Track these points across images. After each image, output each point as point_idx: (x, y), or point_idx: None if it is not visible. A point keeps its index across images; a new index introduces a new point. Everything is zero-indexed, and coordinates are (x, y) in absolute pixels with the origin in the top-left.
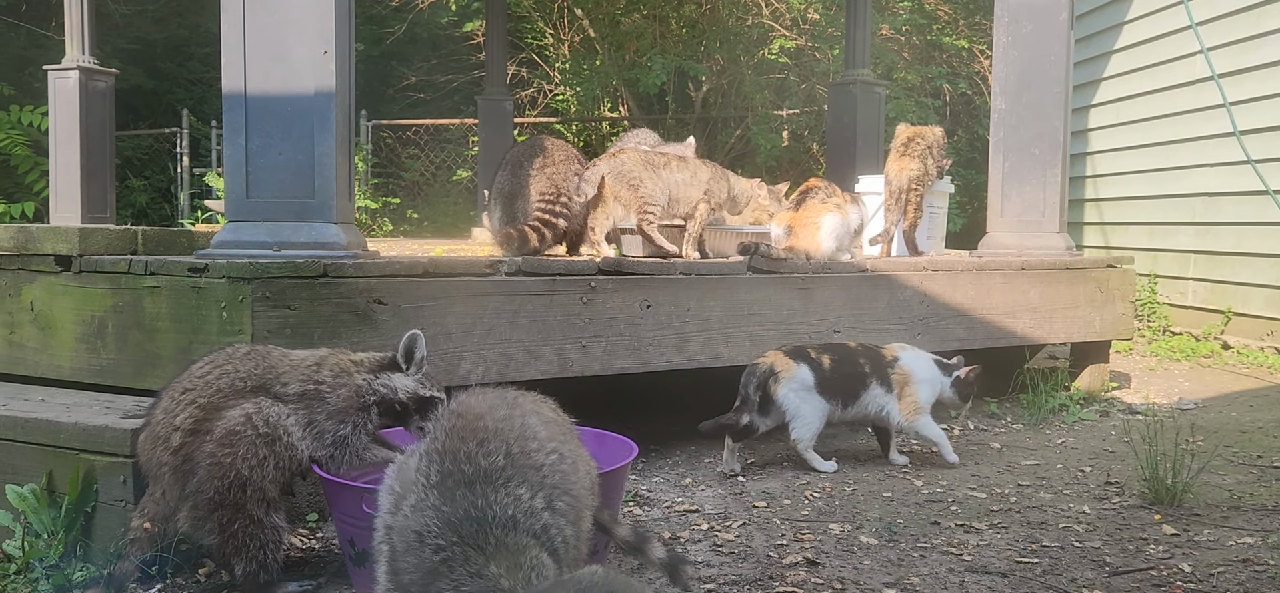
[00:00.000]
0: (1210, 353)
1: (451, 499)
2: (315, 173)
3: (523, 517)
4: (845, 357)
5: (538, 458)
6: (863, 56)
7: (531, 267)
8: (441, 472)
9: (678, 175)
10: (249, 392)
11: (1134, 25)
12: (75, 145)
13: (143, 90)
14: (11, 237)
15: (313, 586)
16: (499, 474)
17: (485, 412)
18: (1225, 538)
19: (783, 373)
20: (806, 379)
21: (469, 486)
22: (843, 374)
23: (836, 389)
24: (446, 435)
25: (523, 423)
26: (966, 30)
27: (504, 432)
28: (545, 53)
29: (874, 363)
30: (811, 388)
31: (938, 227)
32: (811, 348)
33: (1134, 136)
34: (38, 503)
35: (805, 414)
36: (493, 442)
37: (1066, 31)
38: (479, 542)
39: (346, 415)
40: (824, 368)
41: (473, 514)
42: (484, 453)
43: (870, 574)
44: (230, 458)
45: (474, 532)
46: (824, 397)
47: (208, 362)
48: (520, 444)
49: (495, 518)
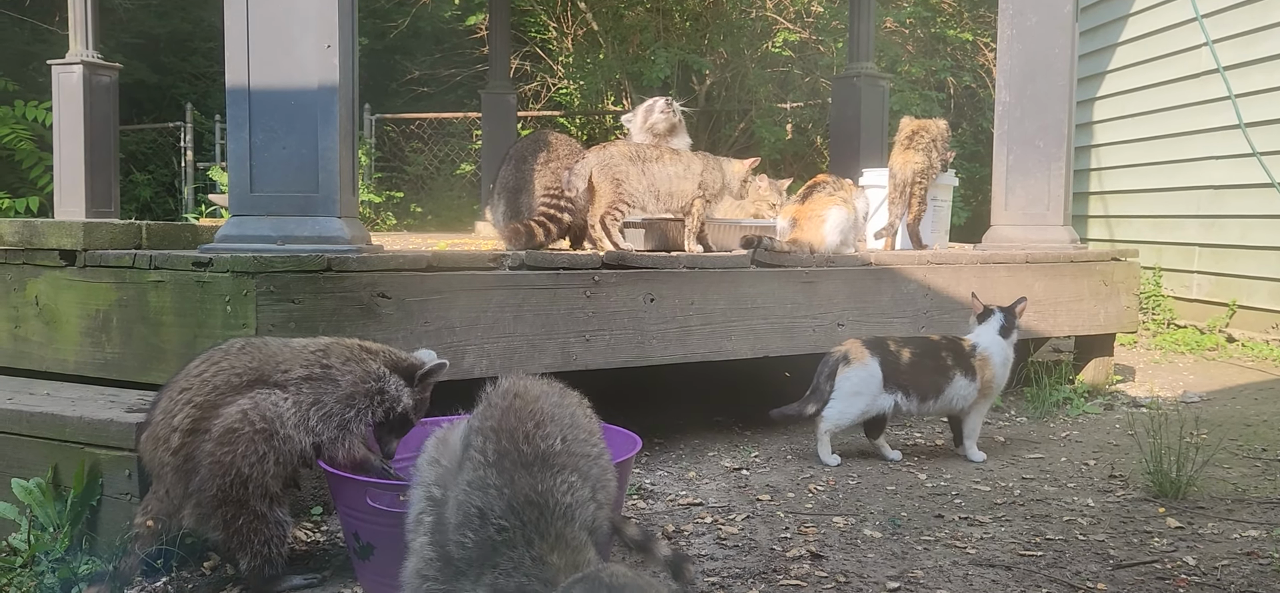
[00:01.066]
0: (1215, 346)
1: (512, 481)
2: (319, 167)
3: (578, 507)
4: (927, 350)
5: (586, 448)
6: (867, 49)
7: (535, 261)
8: (498, 450)
9: (670, 169)
10: (245, 386)
11: (1139, 17)
12: (79, 140)
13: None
14: (16, 231)
15: (317, 579)
16: (555, 459)
17: (540, 395)
18: (1230, 531)
19: (854, 361)
20: (874, 373)
21: (527, 468)
22: (924, 368)
23: (915, 383)
24: (502, 414)
25: (572, 412)
26: (971, 23)
27: (558, 417)
28: (549, 46)
29: (956, 354)
30: (877, 383)
31: (942, 220)
32: (893, 340)
33: (1139, 129)
34: (43, 497)
35: (845, 404)
36: (548, 426)
37: (1071, 24)
38: (541, 529)
39: (354, 400)
40: (900, 362)
41: (533, 500)
42: (542, 435)
43: (874, 568)
44: (230, 456)
45: (536, 518)
46: (890, 391)
47: (204, 359)
48: (572, 432)
49: (555, 507)
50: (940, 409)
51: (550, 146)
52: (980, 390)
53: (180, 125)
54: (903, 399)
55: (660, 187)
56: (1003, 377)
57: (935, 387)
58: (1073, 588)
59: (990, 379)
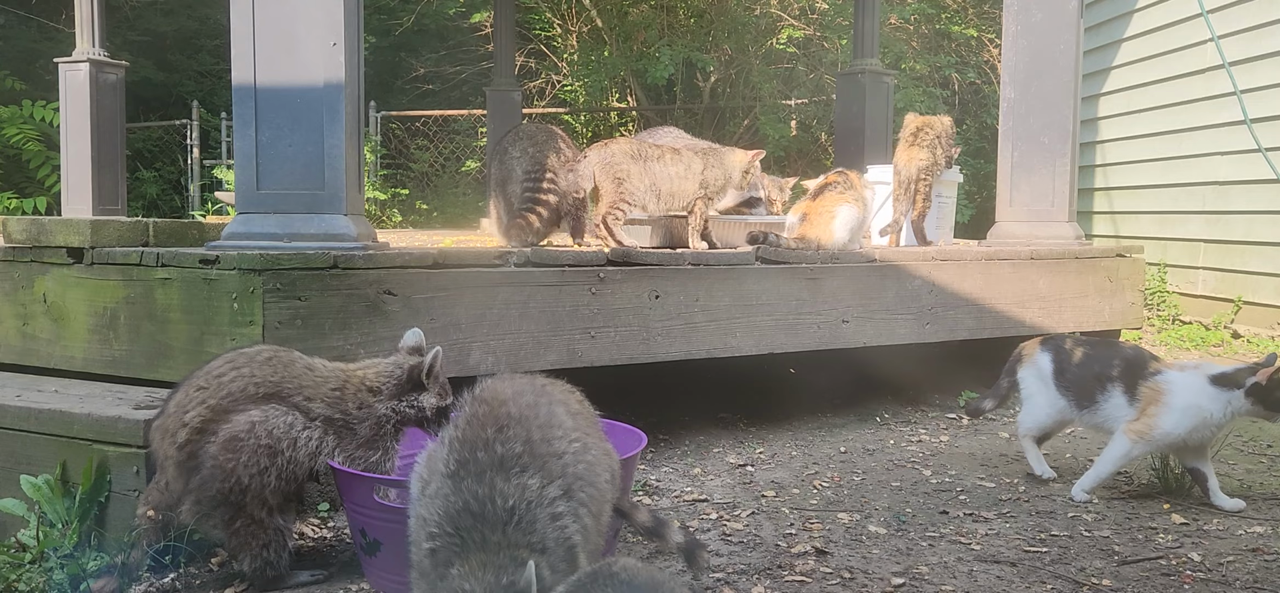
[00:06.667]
0: (1220, 342)
1: (459, 489)
2: (325, 164)
3: (534, 507)
4: (1101, 355)
5: (560, 446)
6: (871, 46)
7: (540, 257)
8: (459, 460)
9: (671, 169)
10: (262, 398)
11: (1144, 13)
12: (86, 138)
13: (153, 83)
14: (24, 229)
15: (324, 575)
16: (514, 462)
17: (510, 398)
18: (1235, 527)
19: (1027, 355)
20: (1045, 366)
21: (479, 476)
22: (1089, 372)
23: (1075, 386)
24: (466, 423)
25: (549, 411)
26: (975, 19)
27: (527, 418)
28: (553, 43)
29: (1128, 368)
30: (1048, 378)
31: (946, 216)
32: (1070, 338)
33: (1144, 125)
34: (52, 493)
35: (1036, 403)
36: (513, 428)
37: (1076, 19)
38: (477, 538)
39: (376, 443)
40: (1071, 360)
41: (472, 507)
42: (501, 440)
43: (878, 564)
44: (231, 463)
45: (468, 525)
46: (1060, 391)
47: (226, 361)
48: (543, 431)
49: (495, 514)
50: (1096, 421)
51: (530, 136)
52: (1131, 429)
53: (186, 123)
54: (1067, 404)
55: (662, 186)
56: (1170, 430)
57: (1089, 394)
58: (1078, 584)
59: (1150, 422)
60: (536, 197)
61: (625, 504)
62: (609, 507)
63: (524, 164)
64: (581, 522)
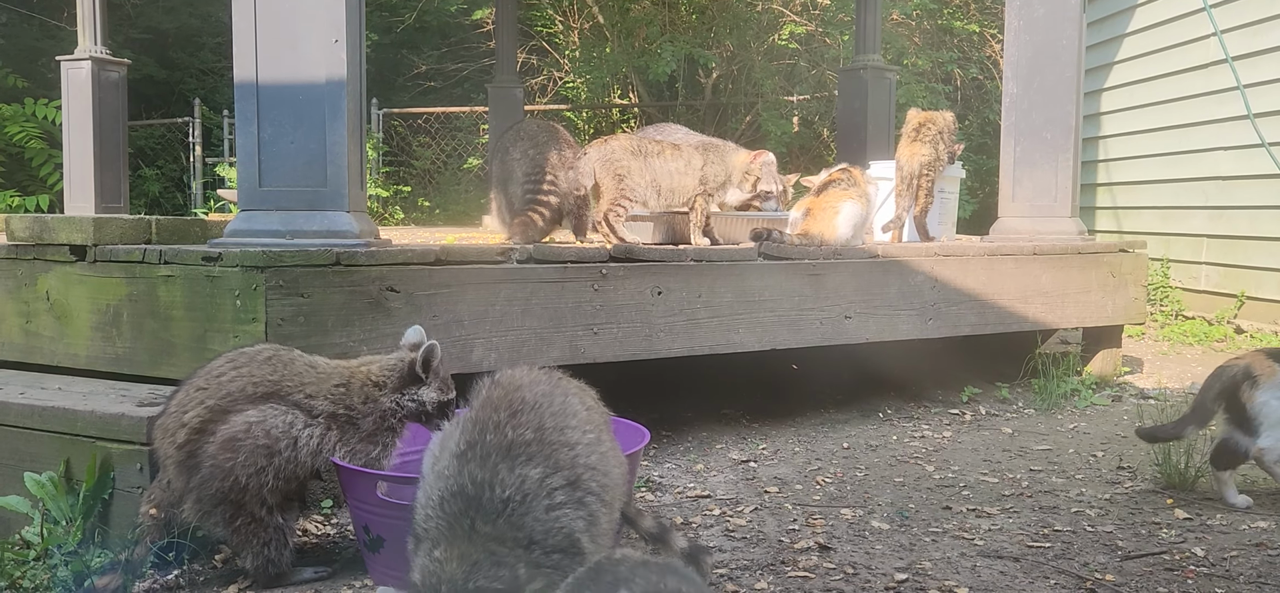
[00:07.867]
0: (1223, 337)
1: (462, 471)
2: (327, 161)
3: (517, 503)
4: None
5: (573, 436)
6: (873, 42)
7: (542, 254)
8: (469, 441)
9: (671, 164)
10: (261, 397)
11: (1146, 8)
12: (88, 135)
13: (155, 80)
14: (27, 227)
15: (327, 572)
16: (521, 450)
17: (526, 384)
18: (1239, 523)
19: (1261, 376)
20: None
21: (483, 460)
22: None
23: None
24: (481, 405)
25: (564, 401)
26: (978, 14)
27: (541, 406)
28: (555, 40)
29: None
30: None
31: (949, 212)
32: None
33: (1147, 120)
34: (56, 490)
35: None
36: (526, 414)
37: (1079, 14)
38: (458, 524)
39: (377, 437)
40: None
41: (468, 491)
42: (513, 424)
43: (882, 559)
44: (230, 463)
45: (460, 511)
46: None
47: (227, 360)
48: (557, 419)
49: (489, 502)
50: None
51: (530, 136)
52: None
53: (188, 121)
54: None
55: (662, 182)
56: None
57: None
58: (1081, 579)
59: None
60: (537, 198)
61: (630, 510)
62: (619, 502)
63: (524, 165)
64: (588, 509)
